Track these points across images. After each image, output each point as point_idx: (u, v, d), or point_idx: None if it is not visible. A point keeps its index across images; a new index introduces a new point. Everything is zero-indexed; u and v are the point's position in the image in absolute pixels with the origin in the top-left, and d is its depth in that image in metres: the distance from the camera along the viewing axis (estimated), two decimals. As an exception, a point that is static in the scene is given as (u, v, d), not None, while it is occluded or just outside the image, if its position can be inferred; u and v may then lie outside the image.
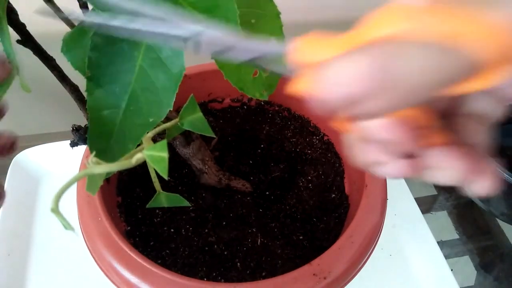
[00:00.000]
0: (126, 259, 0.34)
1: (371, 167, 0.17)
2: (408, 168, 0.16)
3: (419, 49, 0.11)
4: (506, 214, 0.54)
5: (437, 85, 0.12)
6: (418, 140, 0.15)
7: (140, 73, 0.22)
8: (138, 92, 0.22)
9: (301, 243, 0.43)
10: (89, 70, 0.22)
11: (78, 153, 0.41)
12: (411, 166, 0.16)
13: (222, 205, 0.46)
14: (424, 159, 0.16)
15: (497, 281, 0.53)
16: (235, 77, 0.28)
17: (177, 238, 0.43)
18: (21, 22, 0.28)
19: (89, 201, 0.38)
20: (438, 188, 0.61)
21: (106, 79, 0.22)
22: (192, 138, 0.42)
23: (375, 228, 0.38)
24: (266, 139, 0.53)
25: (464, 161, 0.15)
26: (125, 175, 0.47)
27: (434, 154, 0.16)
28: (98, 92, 0.22)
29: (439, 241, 0.53)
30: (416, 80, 0.12)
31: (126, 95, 0.22)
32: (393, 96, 0.12)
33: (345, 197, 0.47)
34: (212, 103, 0.56)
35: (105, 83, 0.22)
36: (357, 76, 0.11)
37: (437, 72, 0.12)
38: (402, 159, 0.15)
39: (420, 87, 0.12)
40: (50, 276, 0.46)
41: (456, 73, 0.12)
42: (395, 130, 0.14)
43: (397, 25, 0.12)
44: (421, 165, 0.16)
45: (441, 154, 0.15)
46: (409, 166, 0.16)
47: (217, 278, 0.40)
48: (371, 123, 0.14)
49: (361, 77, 0.11)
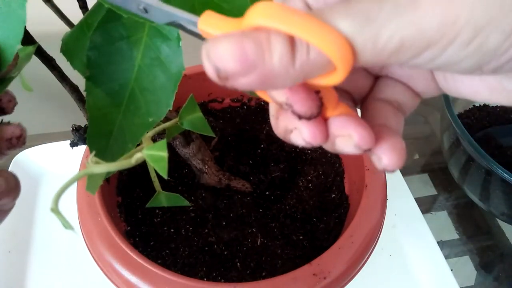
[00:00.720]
0: (126, 259, 0.34)
1: (288, 135, 0.18)
2: (316, 132, 0.17)
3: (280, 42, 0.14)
4: (506, 214, 0.54)
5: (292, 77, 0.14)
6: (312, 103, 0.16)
7: (139, 73, 0.22)
8: (137, 91, 0.22)
9: (301, 243, 0.43)
10: (88, 70, 0.22)
11: (78, 153, 0.41)
12: (319, 131, 0.17)
13: (222, 205, 0.46)
14: (330, 127, 0.18)
15: (497, 281, 0.53)
16: None
17: (177, 238, 0.43)
18: (21, 22, 0.28)
19: (89, 201, 0.38)
20: (438, 188, 0.61)
21: (105, 78, 0.22)
22: (192, 138, 0.42)
23: (375, 228, 0.38)
24: (266, 139, 0.53)
25: (362, 129, 0.17)
26: (125, 175, 0.47)
27: (337, 121, 0.17)
28: (97, 91, 0.22)
29: (439, 241, 0.53)
30: (275, 67, 0.14)
31: (126, 94, 0.22)
32: (257, 78, 0.14)
33: (345, 197, 0.47)
34: (212, 103, 0.56)
35: (104, 82, 0.22)
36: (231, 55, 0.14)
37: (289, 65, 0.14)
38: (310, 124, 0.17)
39: (277, 75, 0.14)
40: (50, 276, 0.46)
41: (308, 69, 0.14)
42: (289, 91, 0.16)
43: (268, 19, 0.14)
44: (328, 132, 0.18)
45: (343, 121, 0.17)
46: (318, 131, 0.17)
47: (217, 278, 0.40)
48: None
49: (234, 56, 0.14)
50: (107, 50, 0.22)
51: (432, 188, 0.62)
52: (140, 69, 0.22)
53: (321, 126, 0.17)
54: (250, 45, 0.14)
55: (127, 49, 0.22)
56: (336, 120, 0.17)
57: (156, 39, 0.22)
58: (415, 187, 0.57)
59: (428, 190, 0.61)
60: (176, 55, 0.22)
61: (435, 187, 0.62)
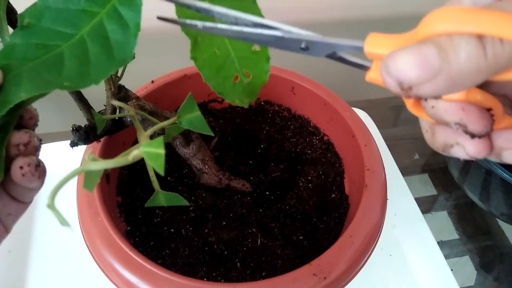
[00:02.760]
0: (126, 259, 0.34)
1: (447, 149, 0.19)
2: (481, 147, 0.17)
3: (465, 41, 0.14)
4: (506, 214, 0.54)
5: (481, 72, 0.14)
6: (487, 122, 0.17)
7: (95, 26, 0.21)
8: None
9: (301, 243, 0.43)
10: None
11: (78, 153, 0.41)
12: (484, 145, 0.17)
13: (222, 205, 0.46)
14: (496, 141, 0.18)
15: (497, 281, 0.53)
16: (214, 81, 0.27)
17: (177, 238, 0.43)
18: (21, 22, 0.28)
19: (89, 201, 0.38)
20: (438, 188, 0.61)
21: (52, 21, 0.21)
22: (192, 138, 0.42)
23: (375, 228, 0.38)
24: (266, 139, 0.53)
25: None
26: (125, 175, 0.47)
27: (506, 135, 0.18)
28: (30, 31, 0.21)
29: (439, 241, 0.53)
30: (462, 66, 0.14)
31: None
32: (445, 80, 0.14)
33: (345, 197, 0.47)
34: (212, 103, 0.56)
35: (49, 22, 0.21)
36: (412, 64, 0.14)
37: (480, 60, 0.14)
38: (476, 139, 0.17)
39: (466, 73, 0.14)
40: (50, 276, 0.46)
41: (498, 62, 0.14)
42: (463, 112, 0.16)
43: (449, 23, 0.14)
44: (493, 146, 0.18)
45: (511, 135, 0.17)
46: (482, 146, 0.17)
47: (217, 278, 0.40)
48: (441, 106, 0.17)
49: (416, 65, 0.14)
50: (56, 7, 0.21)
51: (432, 188, 0.62)
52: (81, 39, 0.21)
53: (486, 140, 0.18)
54: (430, 50, 0.14)
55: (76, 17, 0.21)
56: (506, 134, 0.18)
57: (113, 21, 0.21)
58: (415, 187, 0.57)
59: (428, 190, 0.61)
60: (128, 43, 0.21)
61: (435, 187, 0.62)
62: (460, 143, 0.18)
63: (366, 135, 0.46)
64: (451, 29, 0.14)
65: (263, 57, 0.28)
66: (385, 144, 0.60)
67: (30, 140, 0.23)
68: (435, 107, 0.17)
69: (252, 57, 0.28)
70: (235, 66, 0.27)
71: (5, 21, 0.26)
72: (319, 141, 0.53)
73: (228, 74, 0.27)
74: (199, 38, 0.25)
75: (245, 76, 0.28)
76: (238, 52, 0.27)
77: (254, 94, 0.29)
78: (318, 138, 0.53)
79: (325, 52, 0.18)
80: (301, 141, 0.54)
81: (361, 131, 0.46)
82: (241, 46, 0.27)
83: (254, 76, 0.28)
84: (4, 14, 0.25)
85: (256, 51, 0.28)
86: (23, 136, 0.22)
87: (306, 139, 0.54)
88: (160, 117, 0.38)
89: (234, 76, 0.28)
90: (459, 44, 0.14)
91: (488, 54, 0.14)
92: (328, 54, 0.19)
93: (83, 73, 0.21)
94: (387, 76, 0.15)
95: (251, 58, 0.28)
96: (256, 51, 0.28)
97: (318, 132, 0.54)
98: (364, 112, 0.63)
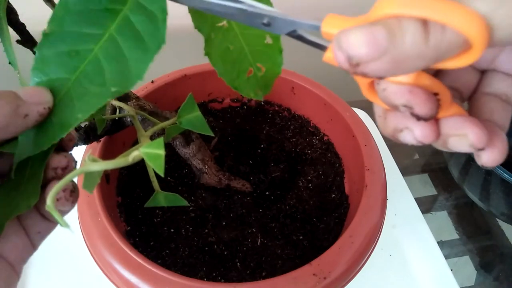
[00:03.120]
0: (126, 259, 0.34)
1: (397, 133, 0.19)
2: (428, 131, 0.18)
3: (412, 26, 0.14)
4: (506, 214, 0.54)
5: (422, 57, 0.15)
6: (432, 105, 0.17)
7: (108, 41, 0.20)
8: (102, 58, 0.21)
9: (301, 243, 0.43)
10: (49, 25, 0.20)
11: (78, 153, 0.41)
12: (431, 130, 0.18)
13: (222, 205, 0.46)
14: (443, 128, 0.18)
15: (497, 281, 0.53)
16: (229, 76, 0.27)
17: (177, 238, 0.43)
18: (21, 22, 0.28)
19: (89, 201, 0.38)
20: (438, 188, 0.61)
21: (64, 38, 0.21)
22: (192, 138, 0.42)
23: (375, 228, 0.38)
24: (266, 139, 0.53)
25: (478, 129, 0.17)
26: (125, 175, 0.47)
27: (452, 121, 0.18)
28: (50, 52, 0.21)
29: (439, 241, 0.53)
30: (406, 50, 0.15)
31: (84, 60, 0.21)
32: (390, 61, 0.15)
33: (345, 197, 0.47)
34: (212, 103, 0.56)
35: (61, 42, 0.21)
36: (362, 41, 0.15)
37: (422, 46, 0.15)
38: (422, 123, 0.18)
39: (409, 57, 0.15)
40: (50, 276, 0.46)
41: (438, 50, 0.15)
42: (410, 94, 0.17)
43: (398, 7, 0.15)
44: (440, 133, 0.18)
45: (458, 121, 0.18)
46: (429, 130, 0.18)
47: (217, 278, 0.40)
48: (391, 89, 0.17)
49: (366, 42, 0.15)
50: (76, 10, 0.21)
51: (432, 188, 0.62)
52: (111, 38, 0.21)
53: (433, 126, 0.18)
54: (380, 30, 0.15)
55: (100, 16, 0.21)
56: (451, 120, 0.18)
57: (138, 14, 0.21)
58: (415, 187, 0.57)
59: (428, 190, 0.61)
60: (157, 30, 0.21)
61: (435, 187, 0.62)
62: (409, 127, 0.18)
63: (366, 135, 0.46)
64: (399, 11, 0.15)
65: (276, 49, 0.28)
66: (385, 144, 0.60)
67: (69, 165, 0.22)
68: (386, 89, 0.18)
69: (265, 50, 0.28)
70: (248, 60, 0.27)
71: (5, 21, 0.26)
72: (319, 141, 0.53)
73: (242, 69, 0.27)
74: (212, 34, 0.25)
75: (259, 69, 0.28)
76: (251, 46, 0.27)
77: (268, 87, 0.29)
78: (318, 138, 0.53)
79: (286, 29, 0.19)
80: (301, 141, 0.54)
81: (361, 131, 0.46)
82: (254, 40, 0.27)
83: (268, 69, 0.28)
84: (4, 14, 0.25)
85: (269, 44, 0.28)
86: (63, 160, 0.22)
87: (306, 139, 0.54)
88: (160, 117, 0.38)
89: (248, 70, 0.28)
90: (406, 28, 0.15)
91: (430, 40, 0.15)
92: (289, 31, 0.19)
93: (124, 72, 0.21)
94: (338, 51, 0.16)
95: (264, 51, 0.28)
96: (268, 44, 0.28)
97: (318, 132, 0.54)
98: (364, 112, 0.63)
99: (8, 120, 0.19)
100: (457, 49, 0.15)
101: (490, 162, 0.18)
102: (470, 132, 0.18)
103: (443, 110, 0.18)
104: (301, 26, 0.19)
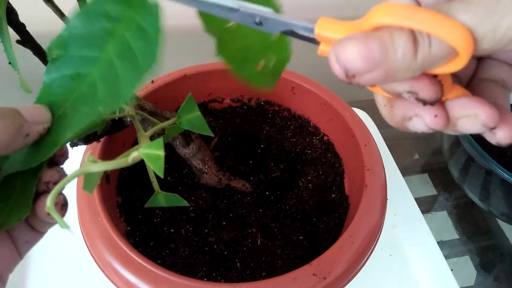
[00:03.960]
0: (126, 259, 0.34)
1: (406, 122, 0.19)
2: (440, 116, 0.18)
3: (404, 41, 0.15)
4: (506, 214, 0.54)
5: (411, 70, 0.16)
6: (437, 88, 0.17)
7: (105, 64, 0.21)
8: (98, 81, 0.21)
9: (301, 243, 0.43)
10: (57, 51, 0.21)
11: (78, 153, 0.41)
12: (441, 115, 0.18)
13: (222, 205, 0.46)
14: (451, 111, 0.18)
15: (497, 281, 0.53)
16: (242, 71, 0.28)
17: (177, 238, 0.43)
18: (21, 22, 0.28)
19: (89, 202, 0.38)
20: (438, 188, 0.61)
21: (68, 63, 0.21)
22: (192, 138, 0.42)
23: (375, 228, 0.38)
24: (266, 139, 0.53)
25: (488, 108, 0.17)
26: (125, 175, 0.47)
27: (459, 102, 0.18)
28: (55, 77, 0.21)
29: (439, 241, 0.53)
30: (397, 63, 0.16)
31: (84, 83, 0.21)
32: (382, 73, 0.16)
33: (345, 197, 0.47)
34: (212, 103, 0.56)
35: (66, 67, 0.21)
36: (358, 56, 0.16)
37: (412, 61, 0.16)
38: (432, 108, 0.18)
39: (399, 69, 0.16)
40: (50, 276, 0.46)
41: (425, 63, 0.16)
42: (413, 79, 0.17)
43: (390, 17, 0.16)
44: (449, 116, 0.18)
45: (465, 102, 0.18)
46: (441, 114, 0.18)
47: (217, 278, 0.40)
48: None
49: (361, 57, 0.16)
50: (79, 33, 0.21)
51: (432, 188, 0.62)
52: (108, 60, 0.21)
53: (441, 110, 0.18)
54: (374, 45, 0.16)
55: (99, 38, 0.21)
56: (458, 102, 0.18)
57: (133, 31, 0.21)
58: (415, 187, 0.57)
59: (428, 190, 0.61)
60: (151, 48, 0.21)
61: (435, 187, 0.62)
62: (419, 114, 0.18)
63: (366, 135, 0.46)
64: (392, 22, 0.16)
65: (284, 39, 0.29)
66: (385, 144, 0.60)
67: (61, 179, 0.22)
68: None
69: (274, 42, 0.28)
70: (260, 54, 0.28)
71: (5, 21, 0.26)
72: (319, 141, 0.53)
73: (254, 63, 0.28)
74: (223, 35, 0.26)
75: (270, 60, 0.29)
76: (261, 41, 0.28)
77: (279, 74, 0.30)
78: (318, 138, 0.53)
79: (279, 29, 0.20)
80: (301, 141, 0.54)
81: (361, 131, 0.46)
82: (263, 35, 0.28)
83: (278, 58, 0.29)
84: (4, 14, 0.25)
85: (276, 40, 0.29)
86: (55, 175, 0.22)
87: (306, 139, 0.54)
88: (160, 117, 0.38)
89: (259, 63, 0.28)
90: (398, 43, 0.15)
91: (419, 54, 0.16)
92: (283, 31, 0.20)
93: (114, 93, 0.21)
94: (336, 64, 0.16)
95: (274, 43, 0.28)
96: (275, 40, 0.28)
97: (318, 132, 0.54)
98: (364, 112, 0.63)
99: (11, 139, 0.20)
100: (444, 60, 0.16)
101: (505, 139, 0.18)
102: (480, 112, 0.17)
103: (446, 92, 0.18)
104: (293, 27, 0.19)
